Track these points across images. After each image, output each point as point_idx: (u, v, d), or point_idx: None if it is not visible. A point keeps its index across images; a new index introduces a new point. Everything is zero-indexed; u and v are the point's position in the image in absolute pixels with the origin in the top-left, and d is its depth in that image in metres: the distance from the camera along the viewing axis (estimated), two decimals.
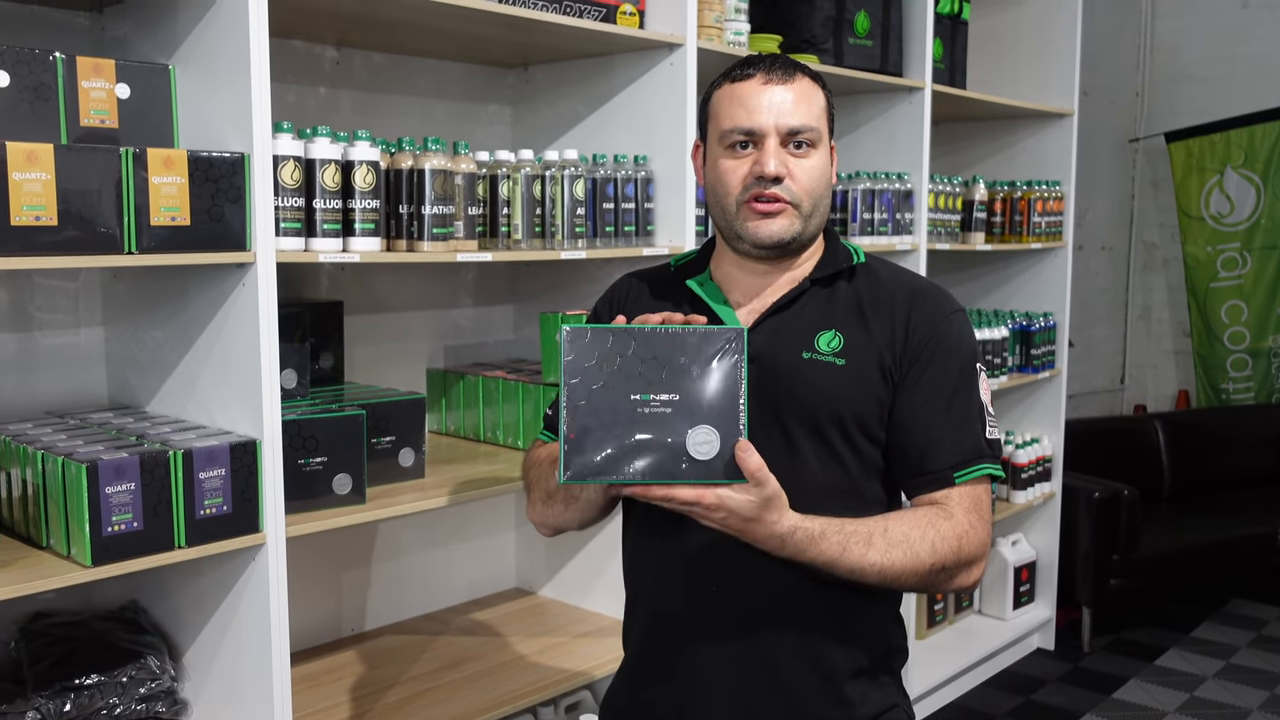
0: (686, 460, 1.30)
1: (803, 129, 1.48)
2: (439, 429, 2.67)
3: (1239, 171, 5.46)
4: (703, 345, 1.32)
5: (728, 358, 1.32)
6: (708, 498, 1.30)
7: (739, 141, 1.48)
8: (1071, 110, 3.99)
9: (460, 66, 2.74)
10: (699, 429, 1.31)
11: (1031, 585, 4.23)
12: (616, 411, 1.30)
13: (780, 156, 1.46)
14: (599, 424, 1.30)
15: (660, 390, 1.30)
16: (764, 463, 1.30)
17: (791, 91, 1.48)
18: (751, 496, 1.31)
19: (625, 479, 1.31)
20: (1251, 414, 5.36)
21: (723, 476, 1.30)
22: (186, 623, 2.02)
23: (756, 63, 1.51)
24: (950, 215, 3.51)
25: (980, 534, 1.45)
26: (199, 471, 1.73)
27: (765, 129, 1.47)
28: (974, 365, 1.52)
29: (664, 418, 1.30)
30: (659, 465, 1.30)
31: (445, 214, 2.07)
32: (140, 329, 2.05)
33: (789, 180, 1.47)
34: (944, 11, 3.42)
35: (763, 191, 1.46)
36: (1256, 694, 3.81)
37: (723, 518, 1.32)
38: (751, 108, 1.47)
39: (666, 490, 1.30)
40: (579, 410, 1.30)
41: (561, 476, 1.31)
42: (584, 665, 2.44)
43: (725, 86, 1.52)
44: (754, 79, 1.49)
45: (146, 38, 1.93)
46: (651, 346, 1.31)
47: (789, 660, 1.48)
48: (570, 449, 1.30)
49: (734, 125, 1.48)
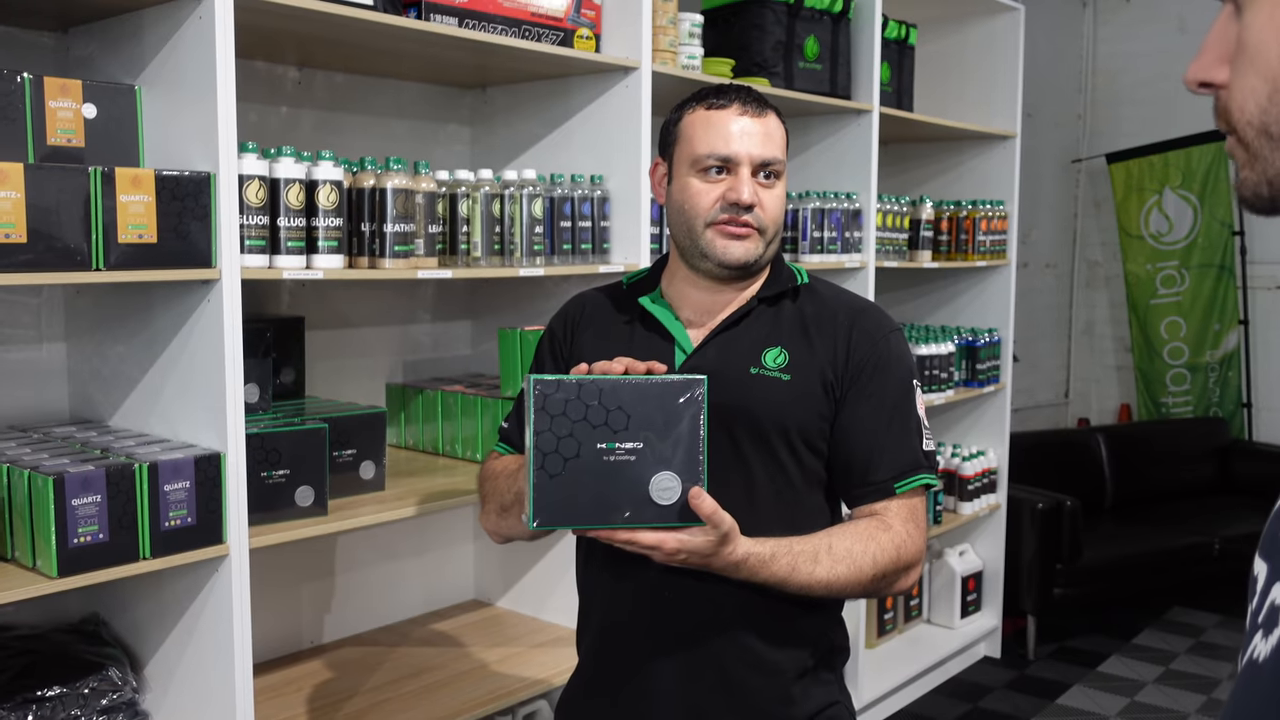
0: (649, 505, 1.37)
1: (773, 161, 1.56)
2: (399, 443, 2.71)
3: (1177, 192, 5.63)
4: (665, 395, 1.38)
5: (689, 406, 1.38)
6: (669, 543, 1.37)
7: (714, 167, 1.55)
8: (1014, 132, 4.11)
9: (420, 87, 2.79)
10: (661, 475, 1.37)
11: (978, 595, 4.33)
12: (583, 459, 1.36)
13: (752, 185, 1.54)
14: (566, 471, 1.36)
15: (625, 439, 1.36)
16: (718, 505, 1.37)
17: (764, 125, 1.56)
18: (710, 537, 1.38)
19: (591, 524, 1.38)
20: (1190, 427, 5.52)
21: (680, 519, 1.37)
22: (148, 635, 2.04)
23: (730, 93, 1.58)
24: (898, 234, 3.61)
25: (917, 542, 1.54)
26: (164, 484, 1.76)
27: (740, 158, 1.54)
28: (911, 381, 1.60)
29: (628, 465, 1.37)
30: (622, 510, 1.37)
31: (406, 232, 2.12)
32: (104, 344, 2.08)
33: (758, 208, 1.54)
34: (891, 36, 3.52)
35: (736, 218, 1.54)
36: (1194, 698, 3.93)
37: (683, 558, 1.39)
38: (728, 136, 1.54)
39: (630, 535, 1.37)
40: (547, 459, 1.35)
41: (531, 522, 1.36)
42: (541, 674, 2.48)
43: (699, 111, 1.58)
44: (730, 109, 1.56)
45: (112, 58, 1.96)
46: (616, 397, 1.37)
47: (737, 663, 1.55)
48: (538, 495, 1.36)
49: (710, 151, 1.54)
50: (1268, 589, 0.61)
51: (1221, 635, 4.57)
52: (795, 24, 3.10)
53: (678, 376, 1.41)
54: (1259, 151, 0.65)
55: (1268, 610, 0.60)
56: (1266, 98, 0.64)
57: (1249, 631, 0.62)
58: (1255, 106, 0.64)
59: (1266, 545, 0.64)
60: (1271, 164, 0.65)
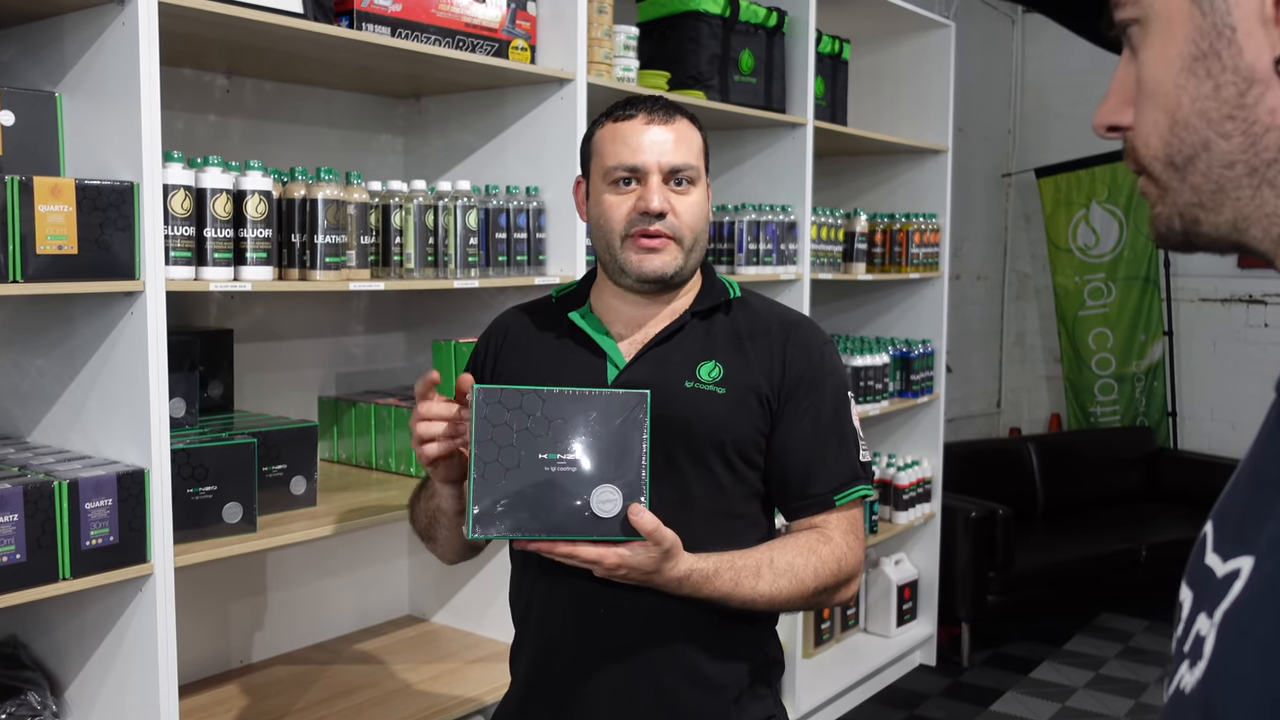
0: (590, 517, 1.37)
1: (683, 167, 1.55)
2: (331, 457, 2.66)
3: (1103, 206, 5.76)
4: (609, 407, 1.38)
5: (633, 420, 1.38)
6: (609, 558, 1.37)
7: (623, 178, 1.54)
8: (946, 146, 4.17)
9: (352, 96, 2.75)
10: (603, 488, 1.37)
11: (914, 603, 4.37)
12: (524, 469, 1.36)
13: (663, 193, 1.53)
14: (507, 481, 1.35)
15: (567, 450, 1.37)
16: (659, 521, 1.37)
17: (672, 131, 1.55)
18: (652, 553, 1.38)
19: (530, 534, 1.37)
20: (1118, 436, 5.63)
21: (621, 533, 1.37)
22: (69, 657, 1.98)
23: (638, 103, 1.57)
24: (833, 246, 3.64)
25: (857, 553, 1.55)
26: (85, 502, 1.71)
27: (648, 166, 1.53)
28: (846, 393, 1.61)
29: (570, 476, 1.37)
30: (563, 522, 1.36)
31: (338, 243, 2.09)
32: (22, 358, 2.01)
33: (671, 216, 1.53)
34: (825, 51, 3.56)
35: (647, 228, 1.52)
36: (1124, 702, 4.01)
37: (624, 574, 1.39)
38: (635, 146, 1.53)
39: (570, 548, 1.37)
40: (488, 467, 1.35)
41: (469, 531, 1.35)
42: (476, 691, 2.45)
43: (608, 125, 1.57)
44: (636, 119, 1.55)
45: (33, 64, 1.91)
46: (559, 408, 1.37)
47: (674, 680, 1.53)
48: (478, 505, 1.35)
49: (618, 162, 1.54)
50: (1192, 618, 0.62)
51: (1149, 640, 4.66)
52: (730, 38, 3.11)
53: (621, 390, 1.41)
54: (1167, 184, 0.66)
55: (1193, 640, 0.60)
56: (1168, 129, 0.65)
57: (1175, 659, 0.63)
58: (1159, 140, 0.65)
59: (1191, 573, 0.65)
60: (1180, 194, 0.65)
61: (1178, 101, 0.64)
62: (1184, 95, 0.64)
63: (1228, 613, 0.57)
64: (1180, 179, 0.65)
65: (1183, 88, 0.64)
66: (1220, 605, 0.58)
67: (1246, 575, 0.57)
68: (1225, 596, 0.58)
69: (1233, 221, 0.64)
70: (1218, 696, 0.56)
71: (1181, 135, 0.64)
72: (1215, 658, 0.57)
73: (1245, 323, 5.60)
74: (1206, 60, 0.62)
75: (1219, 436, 5.64)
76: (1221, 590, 0.59)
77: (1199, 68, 0.63)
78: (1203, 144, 0.63)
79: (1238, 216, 0.64)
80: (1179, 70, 0.64)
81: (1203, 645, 0.58)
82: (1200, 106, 0.63)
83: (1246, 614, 0.56)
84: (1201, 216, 0.65)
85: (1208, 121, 0.63)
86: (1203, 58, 0.62)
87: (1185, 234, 0.67)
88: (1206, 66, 0.62)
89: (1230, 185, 0.63)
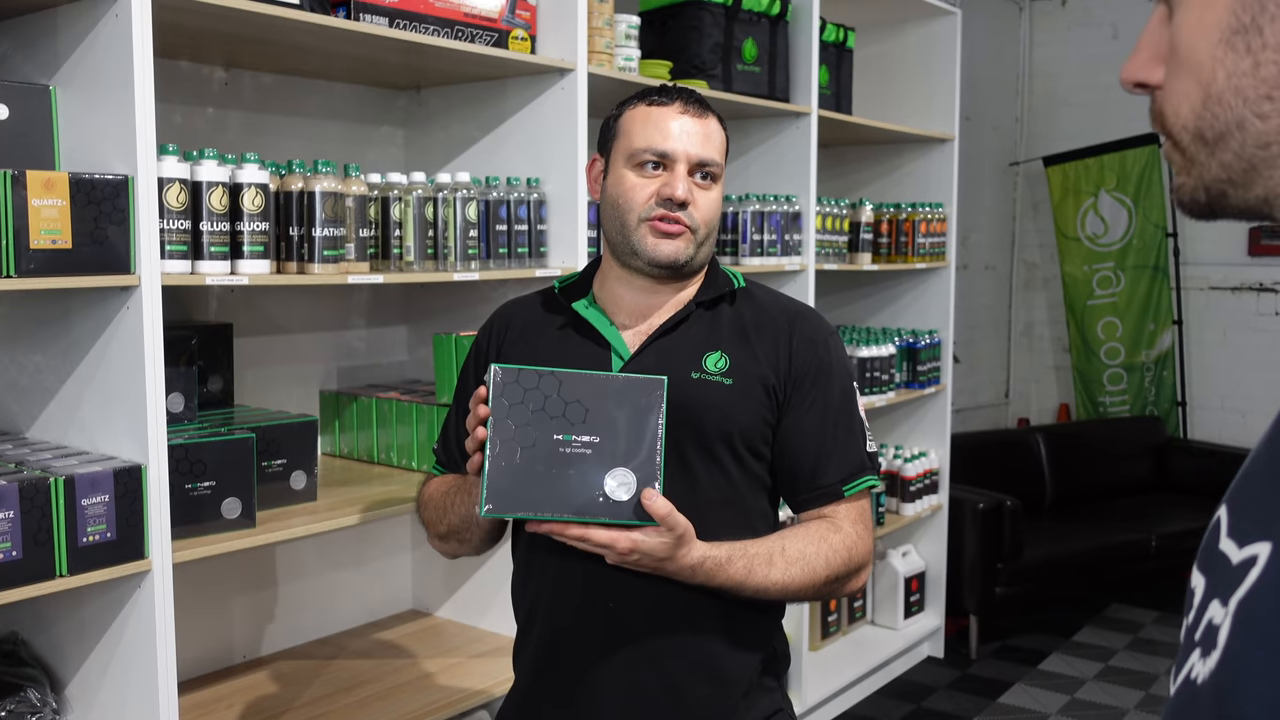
0: (603, 500, 1.36)
1: (710, 162, 1.55)
2: (332, 451, 2.65)
3: (1112, 194, 5.72)
4: (626, 391, 1.38)
5: (649, 405, 1.38)
6: (621, 542, 1.36)
7: (650, 161, 1.54)
8: (953, 135, 4.14)
9: (351, 88, 2.74)
10: (617, 471, 1.37)
11: (921, 595, 4.35)
12: (539, 449, 1.36)
13: (688, 184, 1.53)
14: (522, 460, 1.35)
15: (582, 432, 1.37)
16: (672, 506, 1.36)
17: (704, 126, 1.56)
18: (665, 539, 1.37)
19: (543, 515, 1.36)
20: (1127, 426, 5.60)
21: (634, 517, 1.36)
22: (69, 653, 1.97)
23: (673, 93, 1.57)
24: (838, 236, 3.61)
25: (867, 543, 1.55)
26: (81, 498, 1.70)
27: (678, 155, 1.53)
28: (851, 384, 1.60)
29: (584, 458, 1.37)
30: (576, 504, 1.36)
31: (336, 236, 2.07)
32: (19, 354, 2.00)
33: (693, 207, 1.53)
34: (829, 40, 3.53)
35: (668, 214, 1.52)
36: (1133, 694, 3.98)
37: (636, 559, 1.38)
38: (666, 132, 1.53)
39: (583, 531, 1.36)
40: (503, 446, 1.35)
41: (483, 509, 1.35)
42: (481, 684, 2.44)
43: (640, 108, 1.57)
44: (672, 106, 1.55)
45: (27, 58, 1.90)
46: (576, 390, 1.37)
47: (684, 672, 1.52)
48: (492, 483, 1.35)
49: (648, 145, 1.53)
50: (1205, 605, 0.60)
51: (1159, 631, 4.64)
52: (733, 26, 3.09)
53: (639, 375, 1.41)
54: (1194, 156, 0.64)
55: (1206, 628, 0.58)
56: (1200, 103, 0.62)
57: (1185, 647, 0.61)
58: (1189, 111, 0.63)
59: (1203, 558, 0.63)
60: (1207, 169, 0.63)
61: (1213, 74, 0.61)
62: (1220, 69, 0.61)
63: (1244, 600, 0.55)
64: (1209, 154, 0.63)
65: (1219, 60, 0.61)
66: (1236, 592, 0.56)
67: (1264, 562, 0.55)
68: (1241, 583, 0.56)
69: (1264, 197, 0.62)
70: (1233, 687, 0.54)
71: (1215, 110, 0.62)
72: (1230, 647, 0.55)
73: (1256, 311, 5.55)
74: (1247, 34, 0.60)
75: (1229, 426, 5.60)
76: (1237, 577, 0.57)
77: (1239, 41, 0.60)
78: (1237, 122, 0.61)
79: (1270, 194, 0.62)
80: (1216, 41, 0.61)
81: (1217, 634, 0.57)
82: (1237, 83, 0.60)
83: (1264, 602, 0.54)
84: (1230, 192, 0.63)
85: (1244, 100, 0.60)
86: (1243, 31, 0.60)
87: (1210, 206, 0.64)
88: (1247, 41, 0.60)
89: (1264, 165, 0.61)
